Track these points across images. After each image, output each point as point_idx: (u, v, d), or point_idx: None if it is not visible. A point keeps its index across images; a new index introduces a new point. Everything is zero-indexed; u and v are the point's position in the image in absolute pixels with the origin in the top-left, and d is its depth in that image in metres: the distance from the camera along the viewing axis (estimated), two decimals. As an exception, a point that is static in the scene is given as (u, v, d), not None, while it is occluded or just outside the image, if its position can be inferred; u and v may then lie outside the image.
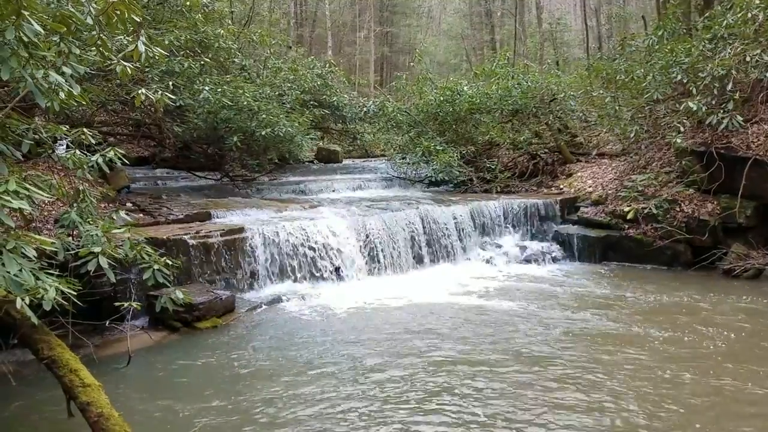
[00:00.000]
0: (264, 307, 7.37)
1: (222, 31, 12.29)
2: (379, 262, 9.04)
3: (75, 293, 4.03)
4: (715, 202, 9.42)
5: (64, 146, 5.84)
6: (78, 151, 5.14)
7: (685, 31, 12.03)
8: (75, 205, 5.24)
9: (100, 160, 5.17)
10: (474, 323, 6.66)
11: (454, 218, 10.13)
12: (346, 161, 20.30)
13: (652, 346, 5.82)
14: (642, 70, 11.23)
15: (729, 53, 9.46)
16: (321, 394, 4.79)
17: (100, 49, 4.51)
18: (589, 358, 5.51)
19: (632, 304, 7.38)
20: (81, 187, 5.42)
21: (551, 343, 5.93)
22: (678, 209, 9.56)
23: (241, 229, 8.06)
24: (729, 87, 9.25)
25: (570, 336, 6.16)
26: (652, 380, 4.96)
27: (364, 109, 15.78)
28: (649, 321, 6.63)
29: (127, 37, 5.00)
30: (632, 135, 10.86)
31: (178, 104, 10.12)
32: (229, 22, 15.92)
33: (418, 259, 9.51)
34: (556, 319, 6.74)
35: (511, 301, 7.61)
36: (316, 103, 14.74)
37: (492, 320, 6.78)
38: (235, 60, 13.17)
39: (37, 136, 4.77)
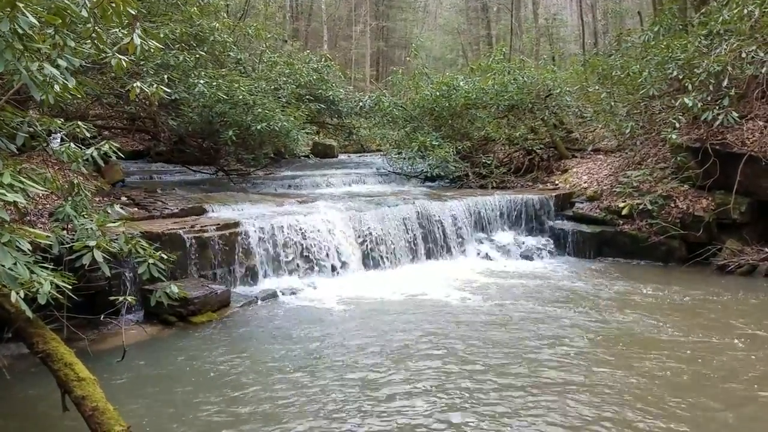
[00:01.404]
0: (259, 301, 7.38)
1: (217, 25, 12.22)
2: (375, 257, 9.04)
3: (70, 287, 4.01)
4: (710, 198, 9.46)
5: (59, 139, 5.82)
6: (73, 145, 5.12)
7: (681, 27, 12.05)
8: (70, 198, 5.21)
9: (95, 154, 5.14)
10: (471, 321, 6.64)
11: (450, 213, 10.14)
12: (341, 156, 20.27)
13: (656, 345, 5.82)
14: (638, 66, 11.26)
15: (725, 49, 9.48)
16: (315, 392, 4.78)
17: (95, 41, 4.48)
18: (592, 359, 5.47)
19: (632, 301, 7.38)
20: (76, 181, 5.39)
21: (551, 342, 5.89)
22: (673, 205, 9.61)
23: (236, 224, 8.05)
24: (724, 83, 9.27)
25: (570, 335, 6.16)
26: (669, 383, 4.89)
27: (360, 103, 15.76)
28: (652, 319, 6.62)
29: (122, 30, 4.96)
30: (627, 131, 10.89)
31: (173, 98, 10.06)
32: (225, 15, 15.80)
33: (414, 254, 9.52)
34: (554, 318, 6.73)
35: (508, 298, 7.63)
36: (311, 98, 14.70)
37: (489, 318, 6.78)
38: (231, 54, 13.10)
39: (31, 129, 4.75)
